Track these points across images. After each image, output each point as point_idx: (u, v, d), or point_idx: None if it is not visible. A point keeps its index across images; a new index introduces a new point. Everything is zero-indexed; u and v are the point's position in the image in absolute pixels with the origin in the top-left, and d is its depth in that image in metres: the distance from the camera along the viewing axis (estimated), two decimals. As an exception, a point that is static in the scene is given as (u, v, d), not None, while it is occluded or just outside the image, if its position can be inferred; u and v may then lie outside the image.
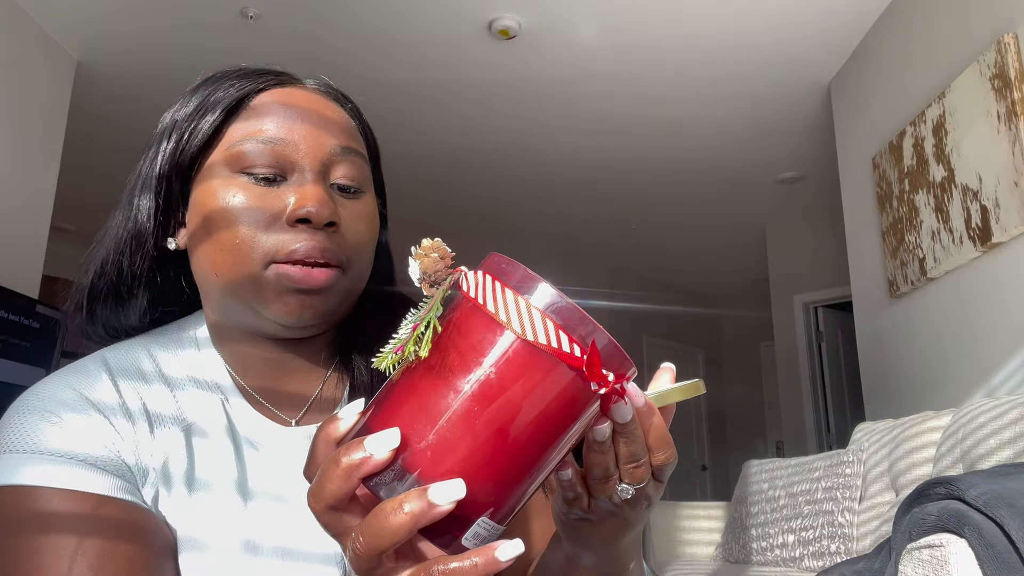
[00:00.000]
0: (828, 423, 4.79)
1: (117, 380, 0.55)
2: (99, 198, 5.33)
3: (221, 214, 0.55)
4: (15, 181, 2.96)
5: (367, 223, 0.59)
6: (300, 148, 0.56)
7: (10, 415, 0.52)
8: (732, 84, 3.54)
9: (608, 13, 3.01)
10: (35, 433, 0.50)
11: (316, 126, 0.57)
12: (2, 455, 0.50)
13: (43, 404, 0.52)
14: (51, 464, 0.49)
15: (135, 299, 0.60)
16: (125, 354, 0.58)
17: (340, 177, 0.58)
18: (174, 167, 0.58)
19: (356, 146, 0.60)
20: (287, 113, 0.57)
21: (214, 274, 0.56)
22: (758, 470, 2.66)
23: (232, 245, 0.54)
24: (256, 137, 0.55)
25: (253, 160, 0.55)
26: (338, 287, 0.56)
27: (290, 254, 0.54)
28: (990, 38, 2.23)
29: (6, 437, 0.50)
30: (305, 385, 0.62)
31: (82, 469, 0.50)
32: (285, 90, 0.59)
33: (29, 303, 2.90)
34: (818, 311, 5.01)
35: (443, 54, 3.31)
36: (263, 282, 0.54)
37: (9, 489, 0.48)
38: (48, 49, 3.12)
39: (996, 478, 1.13)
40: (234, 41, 3.18)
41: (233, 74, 0.60)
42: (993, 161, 2.16)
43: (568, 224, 5.50)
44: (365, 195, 0.60)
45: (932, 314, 2.58)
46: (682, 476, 6.73)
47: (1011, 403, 1.70)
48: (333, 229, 0.55)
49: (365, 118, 0.65)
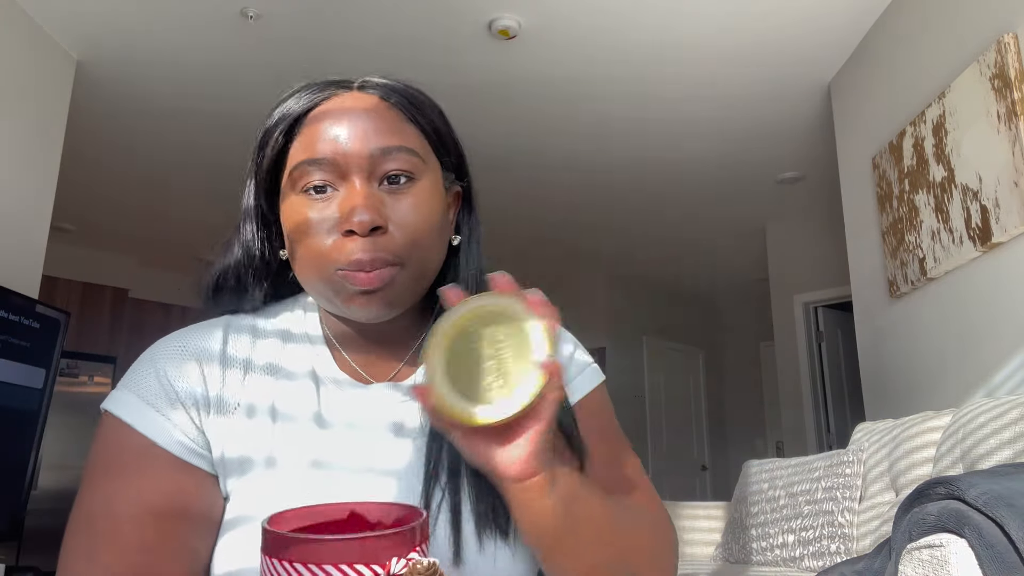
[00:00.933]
0: (828, 423, 4.79)
1: (227, 349, 0.65)
2: (99, 198, 5.35)
3: (294, 230, 0.64)
4: (15, 181, 2.96)
5: (420, 212, 0.63)
6: (344, 160, 0.62)
7: (140, 360, 0.64)
8: (732, 84, 3.54)
9: (608, 13, 3.01)
10: (146, 383, 0.62)
11: (358, 134, 0.63)
12: (120, 388, 0.63)
13: (161, 363, 0.63)
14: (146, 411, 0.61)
15: (251, 292, 0.70)
16: (245, 327, 0.68)
17: (388, 172, 0.63)
18: (258, 190, 0.68)
19: (400, 141, 0.64)
20: (332, 129, 0.63)
21: (303, 280, 0.65)
22: (758, 470, 2.66)
23: (306, 257, 0.63)
24: (307, 159, 0.62)
25: (309, 179, 0.62)
26: (398, 281, 0.62)
27: (348, 263, 0.61)
28: (990, 38, 2.23)
29: (129, 376, 0.63)
30: (391, 360, 0.70)
31: (167, 426, 0.61)
32: (332, 103, 0.65)
33: (29, 303, 2.90)
34: (818, 311, 5.01)
35: (443, 54, 3.32)
36: (334, 286, 0.62)
37: (113, 417, 0.61)
38: (48, 49, 3.12)
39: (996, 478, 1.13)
40: (234, 41, 3.18)
41: (291, 95, 0.67)
42: (993, 161, 2.16)
43: (568, 224, 5.50)
44: (419, 182, 0.64)
45: (932, 314, 2.58)
46: (682, 476, 6.73)
47: (1011, 403, 1.70)
48: (381, 232, 0.61)
49: (424, 101, 0.70)
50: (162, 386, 0.62)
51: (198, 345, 0.65)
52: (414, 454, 0.64)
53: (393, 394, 0.67)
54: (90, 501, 0.59)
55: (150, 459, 0.60)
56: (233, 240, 0.70)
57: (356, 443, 0.64)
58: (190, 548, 0.59)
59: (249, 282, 0.69)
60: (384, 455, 0.64)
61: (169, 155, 4.33)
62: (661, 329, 6.86)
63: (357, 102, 0.66)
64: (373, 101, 0.66)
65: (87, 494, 0.60)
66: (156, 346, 0.65)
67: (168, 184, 4.75)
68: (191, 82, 3.51)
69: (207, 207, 5.11)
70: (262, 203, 0.68)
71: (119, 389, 0.63)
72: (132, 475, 0.59)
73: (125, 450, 0.60)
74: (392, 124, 0.65)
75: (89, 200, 4.98)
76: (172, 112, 3.80)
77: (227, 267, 0.69)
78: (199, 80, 3.49)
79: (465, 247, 0.71)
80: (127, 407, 0.61)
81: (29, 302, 2.89)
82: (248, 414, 0.63)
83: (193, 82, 3.50)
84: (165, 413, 0.61)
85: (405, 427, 0.66)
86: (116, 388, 0.63)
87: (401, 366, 0.70)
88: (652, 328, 6.77)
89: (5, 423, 2.79)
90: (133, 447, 0.60)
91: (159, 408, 0.61)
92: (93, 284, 5.73)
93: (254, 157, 0.67)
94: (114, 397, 0.62)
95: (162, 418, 0.61)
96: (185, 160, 4.39)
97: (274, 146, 0.65)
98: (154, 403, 0.61)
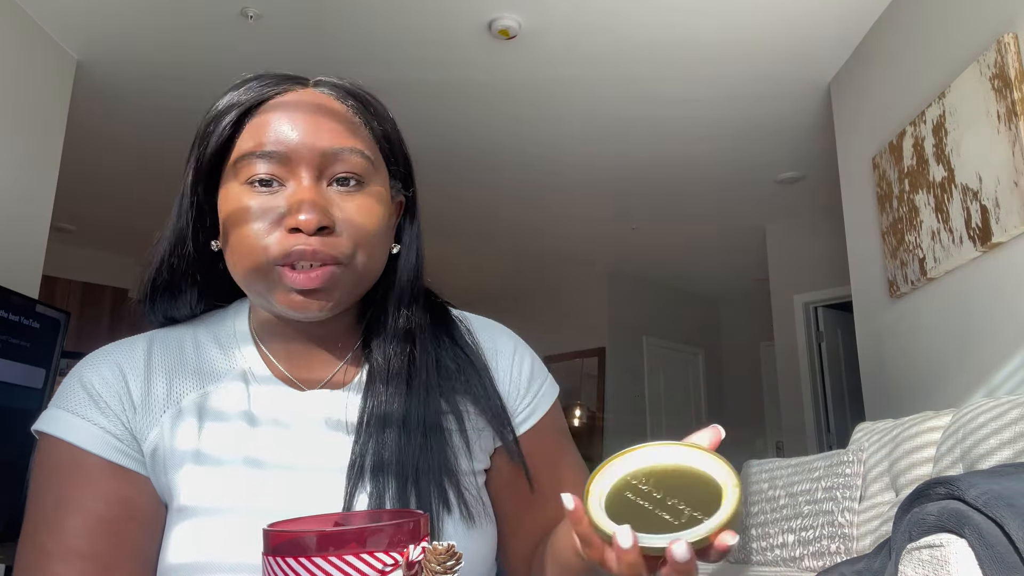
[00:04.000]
0: (828, 423, 4.79)
1: (152, 357, 0.65)
2: (99, 198, 5.34)
3: (232, 220, 0.61)
4: (15, 181, 2.96)
5: (367, 215, 0.63)
6: (295, 155, 0.61)
7: (66, 378, 0.64)
8: (732, 84, 3.54)
9: (608, 13, 3.01)
10: (73, 396, 0.62)
11: (311, 130, 0.61)
12: (50, 407, 0.62)
13: (85, 374, 0.63)
14: (76, 423, 0.60)
15: (184, 293, 0.69)
16: (172, 337, 0.68)
17: (338, 174, 0.62)
18: (198, 178, 0.65)
19: (352, 143, 0.63)
20: (284, 123, 0.61)
21: (235, 272, 0.63)
22: (758, 470, 2.66)
23: (243, 248, 0.61)
24: (256, 150, 0.61)
25: (255, 171, 0.61)
26: (341, 282, 0.61)
27: (286, 257, 0.59)
28: (990, 38, 2.23)
29: (57, 394, 0.63)
30: (326, 366, 0.69)
31: (98, 432, 0.60)
32: (286, 97, 0.63)
33: (29, 303, 2.89)
34: (818, 311, 5.01)
35: (443, 54, 3.31)
36: (271, 281, 0.61)
37: (45, 436, 0.61)
38: (48, 49, 3.12)
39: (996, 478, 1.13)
40: (234, 41, 3.18)
41: (242, 84, 0.65)
42: (993, 161, 2.16)
43: (568, 224, 5.50)
44: (367, 186, 0.63)
45: (932, 314, 2.58)
46: (682, 476, 6.73)
47: (1011, 403, 1.70)
48: (327, 232, 0.60)
49: (378, 108, 0.68)
50: (88, 393, 0.62)
51: (121, 354, 0.65)
52: (341, 452, 0.64)
53: (323, 394, 0.67)
54: (35, 522, 0.59)
55: (86, 468, 0.60)
56: (166, 227, 0.67)
57: (285, 440, 0.63)
58: (138, 549, 0.60)
59: (177, 281, 0.68)
60: (313, 452, 0.64)
61: (169, 155, 4.33)
62: (661, 329, 6.86)
63: (312, 99, 0.64)
64: (328, 100, 0.65)
65: (32, 516, 0.60)
66: (79, 363, 0.65)
67: (168, 184, 4.73)
68: (191, 82, 3.50)
69: (207, 207, 5.11)
70: (199, 192, 0.65)
71: (47, 409, 0.63)
72: (72, 488, 0.59)
73: (62, 465, 0.60)
74: (346, 126, 0.64)
75: (89, 200, 4.98)
76: (172, 112, 3.80)
77: (161, 258, 0.67)
78: (199, 80, 3.49)
79: (404, 256, 0.70)
80: (55, 422, 0.61)
81: (29, 302, 2.89)
82: (176, 414, 0.63)
83: (193, 82, 3.50)
84: (92, 419, 0.61)
85: (333, 425, 0.66)
86: (49, 407, 0.63)
87: (334, 372, 0.69)
88: (652, 328, 6.76)
89: (5, 423, 2.79)
90: (68, 461, 0.60)
91: (86, 416, 0.61)
92: (93, 284, 5.73)
93: (197, 143, 0.65)
94: (43, 417, 0.62)
95: (90, 425, 0.61)
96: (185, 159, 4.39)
97: (220, 134, 0.63)
98: (80, 412, 0.61)
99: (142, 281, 0.69)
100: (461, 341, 0.71)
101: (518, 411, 0.72)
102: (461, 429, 0.67)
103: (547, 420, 0.74)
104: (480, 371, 0.70)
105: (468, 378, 0.69)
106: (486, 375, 0.70)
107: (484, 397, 0.69)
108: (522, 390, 0.73)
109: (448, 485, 0.63)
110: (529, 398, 0.73)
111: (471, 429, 0.68)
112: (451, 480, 0.63)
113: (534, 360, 0.76)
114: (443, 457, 0.64)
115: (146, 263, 0.68)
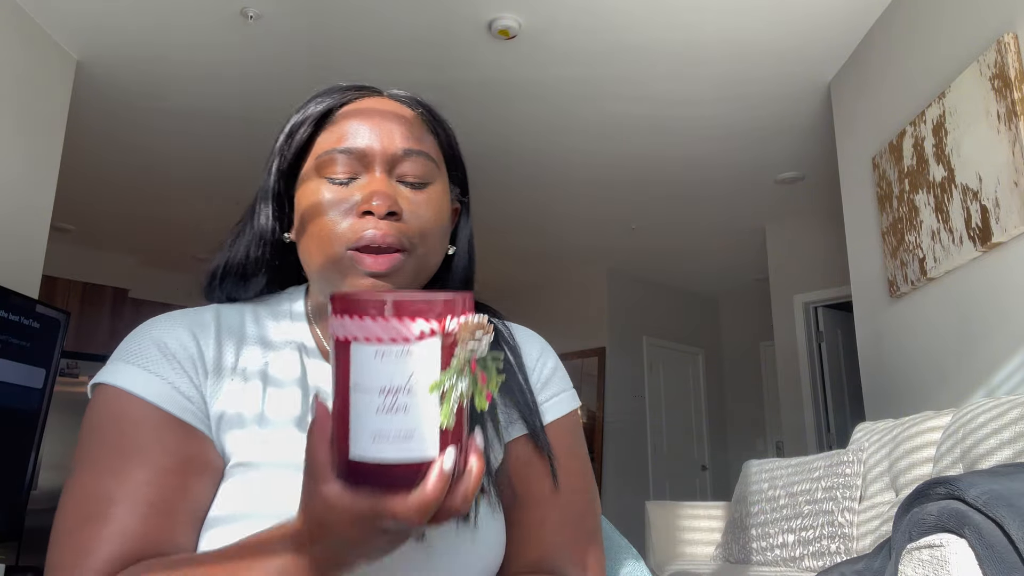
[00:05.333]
0: (828, 423, 4.79)
1: (221, 325, 0.69)
2: (99, 198, 5.34)
3: (311, 211, 0.68)
4: (15, 181, 2.96)
5: (431, 210, 0.69)
6: (369, 152, 0.68)
7: (132, 334, 0.67)
8: (732, 84, 3.54)
9: (607, 13, 3.01)
10: (144, 352, 0.64)
11: (384, 132, 0.69)
12: (115, 361, 0.64)
13: (158, 333, 0.66)
14: (148, 378, 0.63)
15: (256, 279, 0.74)
16: (234, 311, 0.72)
17: (405, 174, 0.69)
18: (280, 178, 0.72)
19: (420, 147, 0.70)
20: (361, 123, 0.69)
21: (309, 260, 0.69)
22: (758, 470, 2.66)
23: (319, 235, 0.66)
24: (335, 148, 0.68)
25: (334, 166, 0.67)
26: (405, 269, 0.67)
27: (358, 240, 0.65)
28: (990, 38, 2.23)
29: (122, 349, 0.65)
30: None
31: (169, 390, 0.63)
32: (362, 102, 0.71)
33: (29, 303, 2.90)
34: (818, 311, 5.01)
35: (443, 54, 3.31)
36: (343, 266, 0.66)
37: (111, 388, 0.63)
38: (48, 49, 3.12)
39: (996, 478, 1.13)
40: (234, 41, 3.18)
41: (324, 92, 0.73)
42: (993, 161, 2.16)
43: (567, 224, 5.50)
44: (431, 186, 0.70)
45: (932, 314, 2.58)
46: (682, 476, 6.73)
47: (1011, 403, 1.70)
48: (396, 218, 0.66)
49: (441, 118, 0.76)
50: (162, 352, 0.65)
51: (193, 320, 0.69)
52: None
53: None
54: (95, 470, 0.60)
55: (155, 423, 0.62)
56: (245, 222, 0.74)
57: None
58: (198, 505, 0.62)
59: (251, 267, 0.73)
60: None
61: (169, 155, 4.33)
62: (661, 329, 6.86)
63: (386, 105, 0.72)
64: (400, 107, 0.72)
65: (90, 464, 0.60)
66: (145, 325, 0.68)
67: (168, 184, 4.75)
68: (191, 82, 3.51)
69: (207, 207, 5.11)
70: (280, 185, 0.72)
71: (112, 363, 0.64)
72: (139, 439, 0.61)
73: (128, 417, 0.62)
74: (416, 130, 0.71)
75: (89, 200, 4.98)
76: (172, 112, 3.80)
77: (244, 248, 0.73)
78: (199, 80, 3.49)
79: (459, 257, 0.77)
80: (125, 376, 0.63)
81: (29, 302, 2.89)
82: (243, 378, 0.67)
83: (193, 82, 3.50)
84: (165, 377, 0.63)
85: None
86: (108, 363, 0.65)
87: None
88: (652, 328, 6.76)
89: (5, 423, 2.79)
90: (136, 414, 0.62)
91: (159, 373, 0.63)
92: (93, 284, 5.73)
93: (281, 142, 0.72)
94: (110, 370, 0.64)
95: (163, 382, 0.63)
96: (185, 160, 4.39)
97: (303, 134, 0.70)
98: (153, 369, 0.64)
99: (211, 269, 0.74)
100: (501, 339, 0.77)
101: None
102: (494, 419, 0.71)
103: (557, 427, 0.75)
104: (517, 368, 0.75)
105: (507, 377, 0.72)
106: (522, 372, 0.75)
107: (518, 391, 0.73)
108: (538, 388, 0.76)
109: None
110: (543, 397, 0.76)
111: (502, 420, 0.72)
112: (487, 463, 0.67)
113: (557, 366, 0.80)
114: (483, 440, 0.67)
115: (222, 248, 0.75)
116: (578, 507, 0.73)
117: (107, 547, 0.57)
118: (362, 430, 0.42)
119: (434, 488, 0.42)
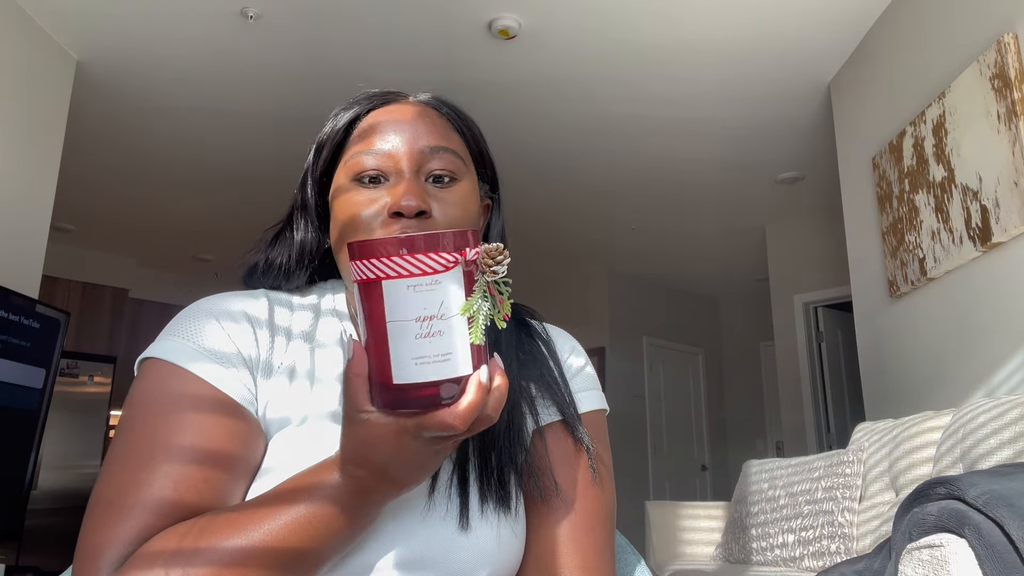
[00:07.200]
0: (828, 423, 4.79)
1: (273, 315, 0.71)
2: (99, 198, 5.34)
3: (344, 217, 0.69)
4: (15, 181, 2.96)
5: (460, 207, 0.70)
6: (397, 152, 0.69)
7: (185, 312, 0.68)
8: (732, 84, 3.54)
9: (607, 13, 3.01)
10: (197, 329, 0.66)
11: (411, 131, 0.70)
12: (167, 336, 0.65)
13: (217, 314, 0.68)
14: (198, 353, 0.64)
15: (297, 277, 0.77)
16: (280, 297, 0.75)
17: (433, 171, 0.70)
18: (315, 189, 0.75)
19: (447, 143, 0.71)
20: (389, 125, 0.71)
21: (344, 265, 0.70)
22: (758, 470, 2.66)
23: (352, 236, 0.68)
24: (363, 151, 0.70)
25: (363, 167, 0.69)
26: None
27: None
28: (990, 38, 2.23)
29: (175, 325, 0.67)
30: None
31: (219, 367, 0.64)
32: (388, 107, 0.73)
33: (29, 303, 2.90)
34: (818, 311, 5.01)
35: (443, 54, 3.31)
36: None
37: (162, 362, 0.64)
38: (48, 49, 3.12)
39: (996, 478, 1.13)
40: (234, 41, 3.18)
41: (352, 100, 0.75)
42: (993, 161, 2.16)
43: (567, 224, 5.51)
44: (459, 183, 0.71)
45: (932, 314, 2.58)
46: (682, 476, 6.73)
47: (1011, 403, 1.70)
48: (425, 217, 0.67)
49: (468, 117, 0.78)
50: (229, 338, 0.66)
51: (249, 310, 0.70)
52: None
53: None
54: (140, 432, 0.61)
55: (208, 401, 0.63)
56: (285, 232, 0.77)
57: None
58: (231, 493, 0.62)
59: (294, 266, 0.76)
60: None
61: (169, 155, 4.33)
62: (661, 329, 6.86)
63: (412, 107, 0.74)
64: (426, 108, 0.74)
65: (139, 434, 0.61)
66: (207, 303, 0.69)
67: (168, 184, 4.75)
68: (191, 82, 3.51)
69: (207, 207, 5.11)
70: (316, 196, 0.75)
71: (172, 339, 0.65)
72: (191, 415, 0.62)
73: (182, 394, 0.62)
74: (441, 129, 0.72)
75: (89, 200, 4.98)
76: (172, 112, 3.80)
77: (278, 250, 0.76)
78: (199, 80, 3.49)
79: None
80: (181, 353, 0.64)
81: (29, 302, 2.90)
82: (290, 377, 0.68)
83: (193, 82, 3.50)
84: (226, 364, 0.65)
85: None
86: (166, 337, 0.65)
87: None
88: (652, 328, 6.77)
89: (5, 423, 2.79)
90: (191, 391, 0.62)
91: (221, 360, 0.65)
92: (93, 284, 5.73)
93: (312, 153, 0.75)
94: (163, 347, 0.64)
95: (223, 368, 0.64)
96: (185, 160, 4.39)
97: (333, 140, 0.73)
98: (217, 354, 0.65)
99: (257, 259, 0.77)
100: (535, 334, 0.79)
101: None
102: (533, 412, 0.73)
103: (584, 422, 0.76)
104: (552, 361, 0.77)
105: (540, 367, 0.75)
106: (557, 367, 0.77)
107: (553, 382, 0.75)
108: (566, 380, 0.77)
109: (519, 455, 0.69)
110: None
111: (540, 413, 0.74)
112: (522, 451, 0.69)
113: (587, 364, 0.82)
114: (520, 432, 0.70)
115: (258, 245, 0.78)
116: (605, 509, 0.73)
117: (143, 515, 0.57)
118: (404, 356, 0.46)
119: (476, 395, 0.47)
